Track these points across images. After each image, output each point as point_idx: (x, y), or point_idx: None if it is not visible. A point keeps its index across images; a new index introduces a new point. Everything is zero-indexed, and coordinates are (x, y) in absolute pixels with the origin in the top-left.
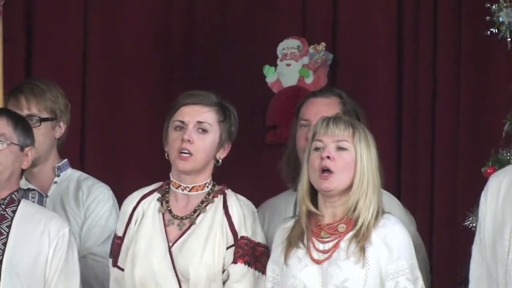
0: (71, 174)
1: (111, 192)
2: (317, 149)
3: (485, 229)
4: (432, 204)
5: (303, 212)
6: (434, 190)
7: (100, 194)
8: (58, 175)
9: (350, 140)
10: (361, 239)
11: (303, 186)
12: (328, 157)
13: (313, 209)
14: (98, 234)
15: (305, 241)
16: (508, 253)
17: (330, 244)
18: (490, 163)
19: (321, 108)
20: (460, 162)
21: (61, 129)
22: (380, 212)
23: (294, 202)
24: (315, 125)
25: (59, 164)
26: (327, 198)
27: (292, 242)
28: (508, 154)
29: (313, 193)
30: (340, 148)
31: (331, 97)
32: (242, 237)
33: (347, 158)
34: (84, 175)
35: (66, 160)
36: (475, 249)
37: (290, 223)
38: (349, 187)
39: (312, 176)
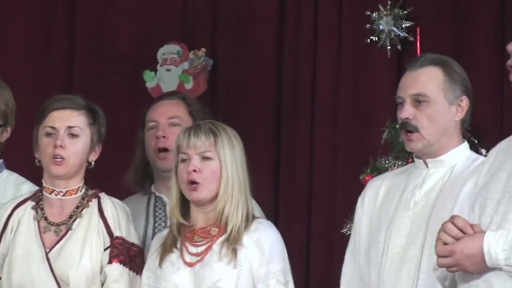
0: (8, 177)
1: None
2: (183, 160)
3: (360, 233)
4: (310, 211)
5: (173, 223)
6: (312, 197)
7: None
8: None
9: (213, 149)
10: (232, 242)
11: (173, 198)
12: (194, 170)
13: (183, 221)
14: None
15: (178, 245)
16: (382, 256)
17: (203, 247)
18: (369, 170)
19: (167, 108)
20: (339, 169)
21: (7, 134)
22: (250, 216)
23: (145, 204)
24: (178, 137)
25: None
26: (199, 205)
27: (166, 247)
28: (387, 162)
29: (184, 200)
30: (205, 158)
31: (176, 99)
32: (117, 237)
33: (213, 167)
34: (21, 178)
35: (1, 160)
36: (348, 253)
37: (166, 231)
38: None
39: (182, 187)
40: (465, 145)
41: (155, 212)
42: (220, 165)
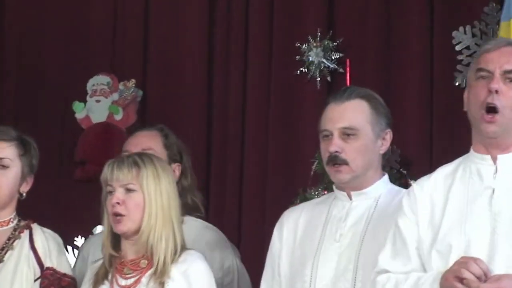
0: None
1: None
2: (109, 192)
3: (280, 265)
4: (239, 242)
5: (105, 256)
6: (242, 228)
7: None
8: None
9: (135, 181)
10: (159, 275)
11: (104, 230)
12: (118, 203)
13: (113, 253)
14: None
15: (109, 277)
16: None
17: (132, 280)
18: (298, 201)
19: (141, 139)
20: (268, 200)
21: None
22: (179, 247)
23: None
24: (104, 170)
25: None
26: (125, 237)
27: (98, 279)
28: (316, 193)
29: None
30: (129, 190)
31: (153, 130)
32: (47, 268)
33: (137, 199)
34: None
35: None
36: (264, 284)
37: (101, 261)
38: None
39: (110, 219)
40: (386, 177)
41: None
42: (143, 197)
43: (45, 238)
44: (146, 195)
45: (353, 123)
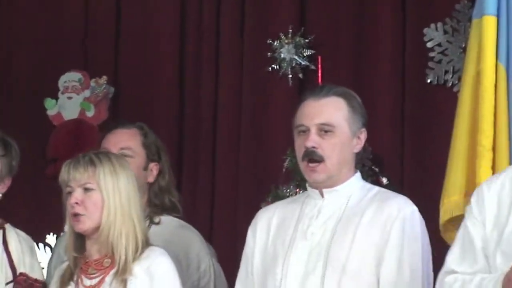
0: None
1: None
2: (69, 193)
3: (253, 263)
4: (211, 239)
5: (70, 257)
6: (214, 226)
7: None
8: None
9: (93, 180)
10: (121, 272)
11: (67, 231)
12: (76, 203)
13: (76, 254)
14: None
15: (75, 278)
16: (280, 286)
17: (96, 280)
18: (270, 198)
19: (120, 138)
20: (240, 197)
21: None
22: (140, 243)
23: None
24: (61, 170)
25: None
26: (89, 236)
27: (64, 280)
28: (288, 190)
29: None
30: (87, 189)
31: (132, 128)
32: (21, 274)
33: (95, 198)
34: None
35: None
36: (238, 283)
37: (66, 263)
38: None
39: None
40: (358, 175)
41: None
42: (101, 195)
43: (18, 242)
44: (104, 192)
45: (330, 120)
